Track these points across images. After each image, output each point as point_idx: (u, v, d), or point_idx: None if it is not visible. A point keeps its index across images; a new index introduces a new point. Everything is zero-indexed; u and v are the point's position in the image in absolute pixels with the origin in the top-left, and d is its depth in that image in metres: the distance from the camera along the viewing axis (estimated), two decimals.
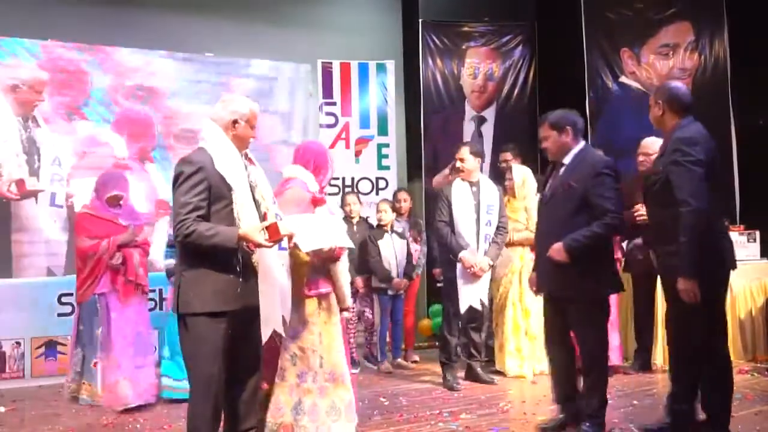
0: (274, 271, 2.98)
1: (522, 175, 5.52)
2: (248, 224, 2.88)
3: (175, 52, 6.66)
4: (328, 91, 7.18)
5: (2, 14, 6.13)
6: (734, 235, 4.22)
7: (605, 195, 3.50)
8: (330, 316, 3.50)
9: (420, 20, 7.74)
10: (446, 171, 5.92)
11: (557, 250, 3.52)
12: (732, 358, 5.50)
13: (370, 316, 6.01)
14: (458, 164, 5.17)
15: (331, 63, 7.20)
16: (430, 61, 7.74)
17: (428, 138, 7.64)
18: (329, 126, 7.17)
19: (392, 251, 5.88)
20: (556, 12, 7.67)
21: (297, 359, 3.44)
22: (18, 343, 5.46)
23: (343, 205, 6.10)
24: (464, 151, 5.16)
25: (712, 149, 3.37)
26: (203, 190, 2.86)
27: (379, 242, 5.85)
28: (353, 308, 5.57)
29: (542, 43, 7.93)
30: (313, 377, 3.42)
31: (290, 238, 3.06)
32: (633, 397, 4.58)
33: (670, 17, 7.02)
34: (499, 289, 5.47)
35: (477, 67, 7.86)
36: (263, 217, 2.99)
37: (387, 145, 7.26)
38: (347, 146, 7.10)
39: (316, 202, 3.46)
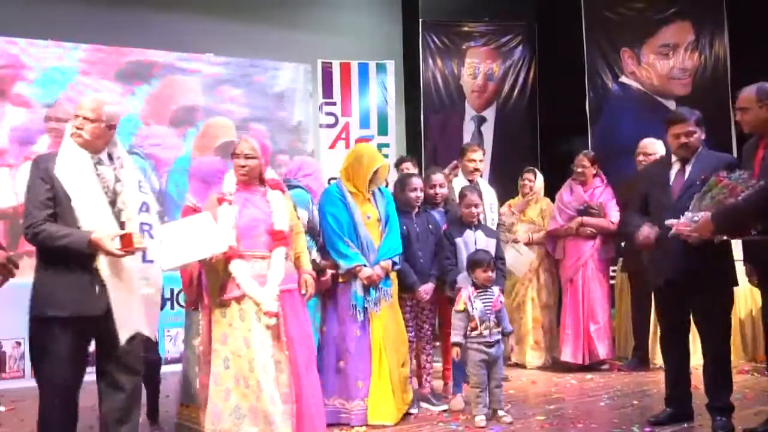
0: (132, 277, 2.85)
1: (541, 179, 5.84)
2: (102, 229, 2.78)
3: (175, 51, 6.65)
4: (328, 91, 7.17)
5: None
6: None
7: None
8: (254, 321, 3.33)
9: (420, 20, 7.74)
10: (446, 171, 5.91)
11: None
12: (732, 358, 5.60)
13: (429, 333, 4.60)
14: (475, 166, 5.26)
15: (331, 63, 7.19)
16: (430, 61, 7.74)
17: (428, 138, 7.65)
18: (329, 126, 7.17)
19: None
20: (556, 12, 7.67)
21: (230, 363, 3.34)
22: (18, 343, 5.46)
23: (404, 188, 4.46)
24: (479, 153, 5.34)
25: None
26: (50, 189, 2.82)
27: (457, 240, 4.51)
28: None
29: (542, 43, 7.93)
30: (246, 382, 3.31)
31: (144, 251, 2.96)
32: (633, 397, 4.58)
33: (670, 17, 7.03)
34: (515, 287, 5.69)
35: (477, 67, 7.86)
36: (122, 226, 2.88)
37: (387, 145, 7.24)
38: (347, 146, 7.07)
39: (219, 201, 3.42)
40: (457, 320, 4.08)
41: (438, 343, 5.22)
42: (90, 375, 3.08)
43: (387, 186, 4.76)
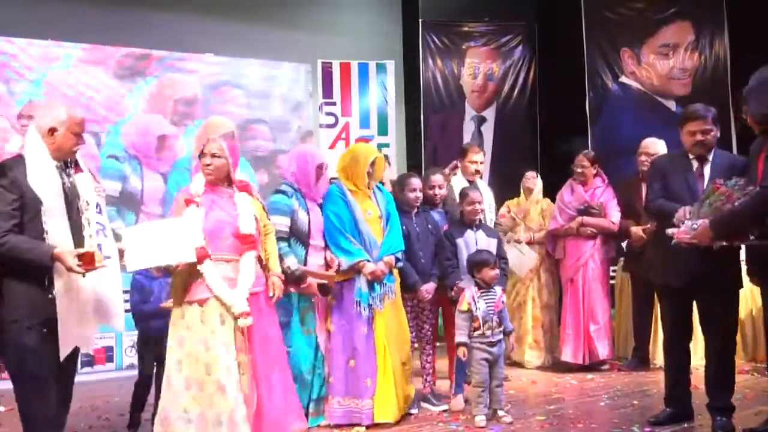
0: (84, 285, 2.90)
1: (540, 183, 5.89)
2: (64, 245, 2.83)
3: (175, 51, 6.64)
4: (328, 91, 7.18)
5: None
6: None
7: None
8: (219, 324, 3.25)
9: (420, 20, 7.74)
10: (446, 171, 5.92)
11: None
12: None
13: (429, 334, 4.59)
14: (477, 167, 5.30)
15: (331, 63, 7.20)
16: (430, 61, 7.75)
17: (428, 138, 7.65)
18: (329, 126, 7.18)
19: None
20: (556, 12, 7.67)
21: (183, 366, 3.28)
22: None
23: (404, 188, 4.48)
24: (480, 154, 5.39)
25: None
26: (17, 199, 2.84)
27: (458, 241, 4.54)
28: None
29: (542, 43, 7.94)
30: (200, 386, 3.24)
31: (121, 254, 3.01)
32: (633, 397, 4.58)
33: (670, 17, 7.03)
34: (516, 286, 5.73)
35: (477, 67, 7.87)
36: (82, 242, 2.93)
37: (387, 145, 7.25)
38: (347, 146, 7.07)
39: (187, 203, 3.38)
40: (461, 320, 4.09)
41: (439, 343, 5.24)
42: (80, 376, 3.09)
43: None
